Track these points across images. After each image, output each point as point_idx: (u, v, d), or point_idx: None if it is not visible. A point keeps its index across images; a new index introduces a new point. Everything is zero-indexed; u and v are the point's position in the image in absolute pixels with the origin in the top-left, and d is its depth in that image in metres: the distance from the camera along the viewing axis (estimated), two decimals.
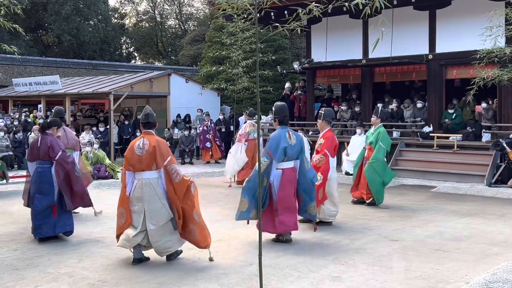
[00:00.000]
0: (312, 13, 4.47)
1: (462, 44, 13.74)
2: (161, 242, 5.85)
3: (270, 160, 6.62)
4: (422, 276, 5.44)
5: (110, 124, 17.50)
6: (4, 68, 25.89)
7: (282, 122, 6.92)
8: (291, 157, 6.74)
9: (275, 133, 6.86)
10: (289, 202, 6.72)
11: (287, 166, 6.74)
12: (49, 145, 7.05)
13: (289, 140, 6.73)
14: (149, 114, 6.12)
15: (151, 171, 5.84)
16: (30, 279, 5.44)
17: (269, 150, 6.67)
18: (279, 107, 6.99)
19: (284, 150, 6.64)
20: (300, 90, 18.09)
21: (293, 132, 6.91)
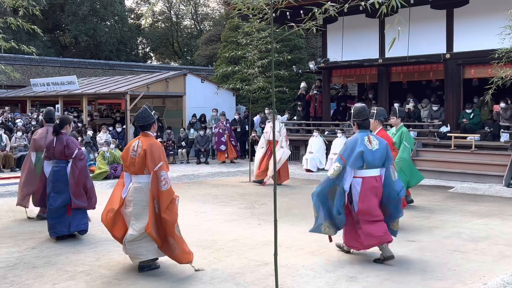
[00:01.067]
0: (328, 12, 4.46)
1: (480, 43, 13.60)
2: (135, 246, 5.55)
3: (343, 165, 5.87)
4: (439, 277, 5.39)
5: (126, 124, 17.62)
6: (23, 68, 26.20)
7: (362, 125, 6.11)
8: (372, 164, 5.89)
9: (353, 136, 6.12)
10: (373, 214, 5.85)
11: (369, 174, 5.91)
12: (65, 144, 7.12)
13: (368, 144, 5.92)
14: (140, 117, 5.70)
15: (143, 175, 5.56)
16: (48, 277, 5.50)
17: (342, 154, 5.96)
18: (358, 109, 6.16)
19: (361, 155, 5.84)
20: (316, 90, 18.04)
21: (376, 137, 6.14)
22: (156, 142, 5.66)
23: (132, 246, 5.55)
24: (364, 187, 5.86)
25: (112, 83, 19.92)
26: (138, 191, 5.57)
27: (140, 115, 5.71)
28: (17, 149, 14.91)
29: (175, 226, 5.48)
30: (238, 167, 15.51)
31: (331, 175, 5.89)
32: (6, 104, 25.01)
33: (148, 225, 5.43)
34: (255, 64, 13.56)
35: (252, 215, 8.82)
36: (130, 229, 5.55)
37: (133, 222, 5.55)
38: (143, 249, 5.56)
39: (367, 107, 6.24)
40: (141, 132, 5.73)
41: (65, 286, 5.20)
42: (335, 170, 5.87)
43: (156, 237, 5.48)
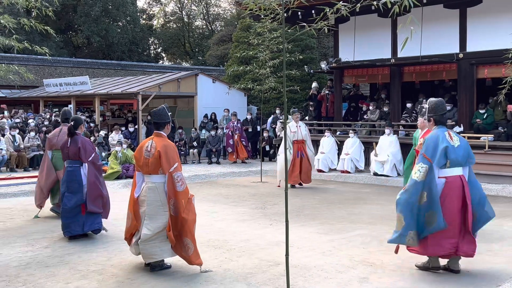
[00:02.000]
0: (339, 12, 4.44)
1: (493, 42, 13.47)
2: (149, 246, 5.54)
3: (429, 165, 5.33)
4: (452, 279, 5.35)
5: (138, 124, 17.70)
6: (36, 69, 26.41)
7: (439, 121, 5.60)
8: (455, 162, 5.38)
9: (431, 133, 5.59)
10: (450, 220, 5.31)
11: (452, 173, 5.40)
12: (80, 146, 7.19)
13: (450, 141, 5.44)
14: (157, 113, 5.74)
15: (158, 175, 5.57)
16: (61, 276, 5.53)
17: (425, 153, 5.39)
18: (435, 103, 5.67)
19: (445, 151, 5.34)
20: (328, 90, 18.00)
21: (455, 133, 5.62)
22: (170, 143, 5.66)
23: (146, 246, 5.55)
24: (447, 188, 5.36)
25: (124, 84, 20.02)
26: (152, 191, 5.57)
27: (158, 112, 5.74)
28: (30, 149, 15.03)
29: (194, 225, 5.53)
30: (250, 167, 15.52)
31: (418, 178, 5.33)
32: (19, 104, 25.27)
33: (168, 226, 5.46)
34: (267, 64, 13.54)
35: (263, 215, 8.81)
36: (144, 228, 5.55)
37: (147, 222, 5.54)
38: (157, 249, 5.56)
39: (444, 101, 5.76)
40: (154, 132, 5.74)
41: (78, 285, 5.23)
42: (421, 172, 5.34)
43: (172, 238, 5.48)
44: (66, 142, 7.34)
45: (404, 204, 5.36)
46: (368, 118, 15.97)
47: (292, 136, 12.05)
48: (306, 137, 12.18)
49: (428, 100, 5.82)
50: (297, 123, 12.17)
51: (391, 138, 13.63)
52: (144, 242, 5.54)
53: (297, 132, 12.09)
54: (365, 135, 15.61)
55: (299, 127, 12.17)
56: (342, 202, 10.20)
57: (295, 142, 12.02)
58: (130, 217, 5.76)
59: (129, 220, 5.78)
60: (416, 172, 5.38)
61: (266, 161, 16.97)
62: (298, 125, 12.18)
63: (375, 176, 13.31)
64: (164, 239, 5.54)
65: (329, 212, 9.14)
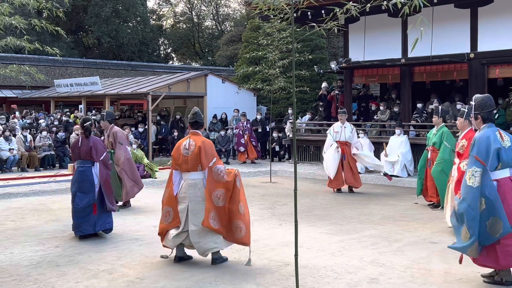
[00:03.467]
0: (349, 12, 4.43)
1: (505, 42, 13.37)
2: (202, 242, 5.74)
3: (483, 168, 4.99)
4: (462, 280, 5.31)
5: (148, 124, 17.77)
6: (46, 69, 26.58)
7: (488, 119, 5.22)
8: (506, 164, 5.05)
9: (481, 133, 5.19)
10: None
11: (503, 175, 5.06)
12: (91, 145, 7.24)
13: (501, 141, 5.09)
14: (196, 114, 6.14)
15: (197, 172, 5.81)
16: (71, 275, 5.56)
17: (478, 155, 5.04)
18: (481, 99, 5.30)
19: (497, 153, 5.00)
20: (338, 90, 17.95)
21: (505, 132, 5.25)
22: (207, 140, 6.03)
23: (200, 243, 5.75)
24: (501, 191, 4.99)
25: (134, 84, 20.11)
26: (192, 187, 5.79)
27: (198, 113, 6.19)
28: (41, 148, 15.12)
29: (239, 205, 5.73)
30: (259, 168, 15.51)
31: (473, 184, 4.99)
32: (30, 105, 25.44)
33: (204, 219, 5.64)
34: (276, 64, 13.54)
35: (273, 215, 8.81)
36: (191, 225, 5.74)
37: (191, 218, 5.75)
38: (211, 243, 5.77)
39: (491, 97, 5.36)
40: (191, 131, 6.07)
41: (88, 284, 5.26)
42: (476, 177, 4.99)
43: (217, 228, 5.69)
44: (77, 142, 7.39)
45: (466, 214, 4.98)
46: (378, 118, 15.90)
47: (334, 136, 11.40)
48: (351, 139, 11.36)
49: (474, 97, 5.45)
50: (343, 123, 11.45)
51: (401, 138, 13.56)
52: (195, 239, 5.73)
53: (340, 132, 11.37)
54: (375, 135, 15.55)
55: (344, 128, 11.41)
56: (352, 202, 10.17)
57: (338, 142, 11.34)
58: (171, 214, 5.88)
59: (169, 217, 5.89)
60: (470, 178, 5.03)
61: (276, 161, 16.96)
62: (344, 126, 11.43)
63: (385, 177, 13.25)
64: (214, 232, 5.73)
65: (338, 212, 9.12)
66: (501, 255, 4.91)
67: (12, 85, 23.83)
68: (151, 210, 9.31)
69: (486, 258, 5.03)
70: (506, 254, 4.91)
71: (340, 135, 11.35)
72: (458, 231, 5.19)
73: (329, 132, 11.62)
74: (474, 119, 5.34)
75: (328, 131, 11.72)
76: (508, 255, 4.92)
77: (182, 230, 5.81)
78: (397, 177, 13.03)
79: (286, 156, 17.41)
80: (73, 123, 17.84)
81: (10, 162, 14.24)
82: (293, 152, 4.99)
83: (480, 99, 5.32)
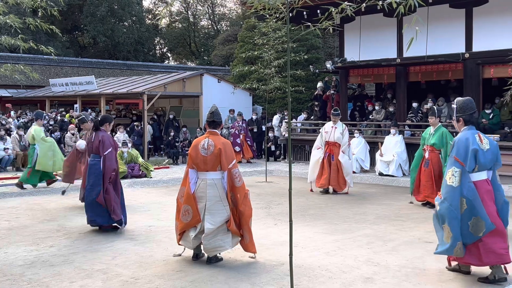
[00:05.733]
0: (344, 12, 4.43)
1: (499, 42, 13.42)
2: (212, 240, 5.81)
3: (462, 169, 5.11)
4: (456, 279, 5.33)
5: (144, 124, 17.75)
6: (41, 68, 26.51)
7: (469, 121, 5.35)
8: (483, 166, 5.17)
9: (461, 135, 5.31)
10: (498, 224, 5.10)
11: (480, 177, 5.19)
12: (100, 140, 7.47)
13: (480, 144, 5.20)
14: (214, 113, 6.04)
15: (216, 172, 5.82)
16: (65, 275, 5.55)
17: (457, 156, 5.15)
18: (463, 102, 5.40)
19: (474, 154, 5.12)
20: (333, 90, 17.97)
21: (485, 136, 5.38)
22: (227, 141, 6.03)
23: (210, 241, 5.81)
24: (480, 192, 5.12)
25: (129, 83, 20.08)
26: (211, 187, 5.82)
27: (215, 111, 6.07)
28: None
29: (250, 220, 5.92)
30: (255, 167, 15.52)
31: (454, 184, 5.10)
32: (25, 104, 25.37)
33: (229, 222, 5.80)
34: (272, 64, 13.54)
35: (268, 215, 8.81)
36: (207, 223, 5.78)
37: (208, 216, 5.80)
38: (220, 242, 5.84)
39: (473, 100, 5.48)
40: (209, 131, 5.99)
41: (82, 284, 5.24)
42: (455, 176, 5.10)
43: (235, 229, 5.87)
44: (91, 136, 7.72)
45: (447, 214, 5.08)
46: (373, 118, 15.93)
47: (325, 136, 11.29)
48: (340, 140, 11.10)
49: (456, 100, 5.56)
50: (334, 124, 11.26)
51: (396, 138, 13.60)
52: (207, 237, 5.78)
53: (329, 133, 11.20)
54: (370, 135, 15.57)
55: (335, 128, 11.18)
56: (347, 202, 10.18)
57: (327, 143, 11.22)
58: (190, 212, 5.88)
59: (189, 216, 5.89)
60: (450, 178, 5.14)
61: (271, 161, 16.97)
62: (335, 127, 11.21)
63: (380, 176, 13.28)
64: (225, 232, 5.85)
65: (334, 212, 9.13)
66: (484, 253, 5.06)
67: (7, 85, 23.76)
68: (146, 210, 9.30)
69: (470, 256, 5.16)
70: (489, 252, 5.04)
71: (329, 136, 11.20)
72: (439, 232, 5.31)
73: (321, 132, 11.55)
74: (456, 121, 5.46)
75: (320, 130, 11.70)
76: (490, 252, 5.05)
77: (199, 230, 5.86)
78: (392, 177, 13.06)
79: (282, 156, 17.42)
80: (68, 122, 17.81)
81: (5, 161, 14.20)
82: (288, 152, 4.99)
83: (461, 102, 5.43)
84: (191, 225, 5.91)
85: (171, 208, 9.21)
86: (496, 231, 5.07)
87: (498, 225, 5.10)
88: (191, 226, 5.92)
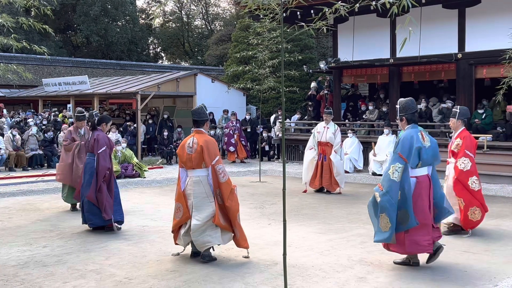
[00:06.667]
0: (338, 12, 4.44)
1: (492, 43, 13.49)
2: (201, 236, 5.91)
3: (405, 165, 5.46)
4: (450, 278, 5.36)
5: (137, 124, 17.71)
6: (34, 68, 26.38)
7: (412, 120, 5.74)
8: (425, 162, 5.58)
9: (405, 133, 5.69)
10: (424, 218, 5.50)
11: (422, 173, 5.59)
12: (95, 138, 7.48)
13: (422, 141, 5.59)
14: (195, 112, 6.19)
15: (201, 169, 5.97)
16: (59, 275, 5.53)
17: (401, 153, 5.51)
18: (405, 102, 5.80)
19: (418, 152, 5.49)
20: (326, 90, 18.01)
21: (427, 133, 5.77)
22: (210, 138, 6.13)
23: (198, 237, 5.92)
24: (419, 187, 5.51)
25: (123, 83, 20.02)
26: (197, 184, 5.96)
27: (197, 110, 6.20)
28: (29, 148, 15.00)
29: (238, 214, 5.99)
30: (248, 167, 15.52)
31: (396, 179, 5.42)
32: (18, 104, 25.24)
33: (215, 217, 5.87)
34: (266, 64, 13.55)
35: (262, 215, 8.82)
36: (193, 219, 5.91)
37: (195, 213, 5.93)
38: (209, 237, 5.93)
39: (414, 100, 5.85)
40: (195, 130, 6.18)
41: (76, 284, 5.23)
42: (398, 172, 5.43)
43: (224, 225, 5.95)
44: (88, 136, 7.81)
45: (388, 206, 5.44)
46: (367, 118, 15.97)
47: (317, 136, 11.25)
48: (332, 140, 11.07)
49: (399, 100, 5.97)
50: (327, 124, 11.24)
51: (389, 138, 13.64)
52: (196, 233, 5.90)
53: (321, 133, 11.18)
54: (363, 135, 15.61)
55: (327, 128, 11.17)
56: (340, 201, 10.21)
57: (319, 143, 11.20)
58: (181, 209, 6.02)
59: (180, 213, 6.03)
60: (394, 173, 5.49)
61: (265, 161, 16.98)
62: (327, 127, 11.20)
63: (373, 176, 13.32)
64: (213, 227, 5.93)
65: (327, 211, 9.15)
66: (408, 243, 5.51)
67: (0, 84, 23.62)
68: (140, 210, 9.28)
69: (396, 245, 5.60)
70: (412, 243, 5.50)
71: (322, 136, 11.19)
72: (374, 220, 5.69)
73: (313, 132, 11.52)
74: (400, 120, 5.84)
75: (313, 131, 11.69)
76: (414, 243, 5.51)
77: (188, 226, 5.98)
78: None
79: (276, 156, 17.43)
80: (62, 122, 17.74)
81: None
82: (282, 152, 5.01)
83: (404, 102, 5.83)
84: (182, 221, 6.03)
85: (164, 208, 9.23)
86: (423, 225, 5.47)
87: (426, 220, 5.50)
88: (183, 222, 6.04)
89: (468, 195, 7.14)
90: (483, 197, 7.31)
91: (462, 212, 7.14)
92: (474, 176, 7.16)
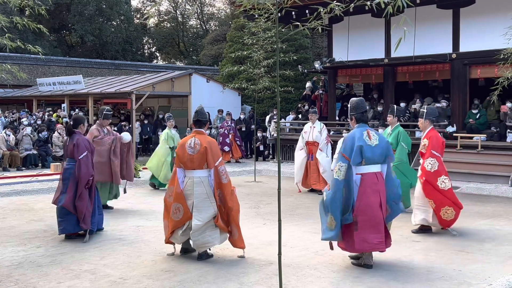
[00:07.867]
0: (333, 12, 4.45)
1: (486, 43, 13.54)
2: (201, 236, 5.92)
3: (347, 163, 5.57)
4: (444, 278, 5.37)
5: (132, 124, 17.68)
6: (29, 68, 26.29)
7: (360, 119, 5.81)
8: (371, 160, 5.61)
9: (350, 132, 5.83)
10: (372, 215, 5.53)
11: (368, 170, 5.63)
12: (75, 143, 7.11)
13: (368, 140, 5.64)
14: (199, 112, 6.20)
15: (202, 170, 5.96)
16: (53, 275, 5.51)
17: (344, 152, 5.66)
18: (355, 102, 5.90)
19: (360, 150, 5.57)
20: (321, 90, 18.02)
21: (376, 132, 5.82)
22: (212, 139, 6.14)
23: (198, 237, 5.92)
24: (364, 184, 5.57)
25: (118, 83, 19.98)
26: (198, 184, 5.94)
27: (200, 111, 6.24)
28: (23, 148, 14.95)
29: (238, 215, 6.04)
30: (243, 167, 15.52)
31: (339, 177, 5.55)
32: (12, 104, 25.14)
33: (217, 218, 5.90)
34: (261, 64, 13.55)
35: (257, 214, 8.82)
36: (194, 220, 5.89)
37: (195, 213, 5.91)
38: (209, 238, 5.94)
39: (364, 100, 6.05)
40: (195, 130, 6.13)
41: (70, 284, 5.22)
42: (341, 170, 5.54)
43: (224, 226, 5.96)
44: (66, 140, 7.37)
45: (331, 204, 5.55)
46: None
47: (304, 137, 11.30)
48: (318, 139, 11.04)
49: (350, 100, 6.06)
50: (313, 123, 11.25)
51: None
52: (195, 234, 5.90)
53: (308, 133, 11.21)
54: None
55: (313, 128, 11.17)
56: None
57: (307, 143, 11.20)
58: (181, 210, 5.98)
59: (180, 213, 5.98)
60: (337, 172, 5.60)
61: (260, 160, 16.98)
62: (313, 126, 11.20)
63: None
64: (213, 228, 5.94)
65: None
66: (357, 241, 5.53)
67: None
68: (134, 210, 9.26)
69: (346, 243, 5.67)
70: (361, 241, 5.52)
71: (309, 136, 11.21)
72: (323, 219, 5.75)
73: (301, 133, 11.54)
74: (350, 119, 5.96)
75: (302, 132, 11.71)
76: (363, 241, 5.53)
77: (187, 226, 5.98)
78: None
79: (270, 156, 17.44)
80: (56, 122, 17.69)
81: None
82: (277, 152, 5.01)
83: (354, 102, 5.92)
84: (183, 222, 5.98)
85: (159, 208, 9.16)
86: (373, 223, 5.50)
87: (375, 217, 5.52)
88: (183, 223, 5.99)
89: (439, 195, 7.12)
90: (455, 195, 7.31)
91: (435, 213, 7.15)
92: (443, 175, 7.16)
